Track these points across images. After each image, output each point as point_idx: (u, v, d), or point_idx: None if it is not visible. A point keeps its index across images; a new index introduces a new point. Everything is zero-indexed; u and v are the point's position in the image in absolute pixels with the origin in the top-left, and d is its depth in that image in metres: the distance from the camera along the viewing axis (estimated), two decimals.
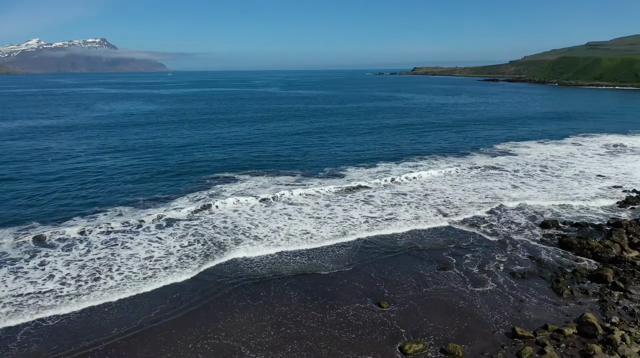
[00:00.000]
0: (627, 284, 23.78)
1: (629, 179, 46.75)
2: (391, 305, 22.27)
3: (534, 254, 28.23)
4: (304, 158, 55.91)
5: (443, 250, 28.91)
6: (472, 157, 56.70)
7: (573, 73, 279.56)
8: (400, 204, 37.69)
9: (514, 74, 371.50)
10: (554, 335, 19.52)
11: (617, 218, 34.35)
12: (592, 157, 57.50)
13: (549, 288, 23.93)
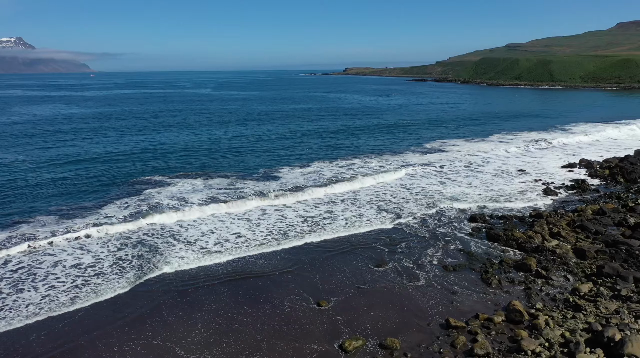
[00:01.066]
0: (548, 271, 25.34)
1: (546, 172, 49.87)
2: (330, 304, 22.49)
3: (464, 247, 29.47)
4: (238, 159, 55.32)
5: (379, 248, 29.54)
6: (404, 155, 58.28)
7: (495, 73, 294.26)
8: (335, 203, 38.17)
9: (440, 74, 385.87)
10: (484, 323, 20.47)
11: (538, 209, 36.52)
12: (515, 153, 60.77)
13: (479, 279, 25.07)
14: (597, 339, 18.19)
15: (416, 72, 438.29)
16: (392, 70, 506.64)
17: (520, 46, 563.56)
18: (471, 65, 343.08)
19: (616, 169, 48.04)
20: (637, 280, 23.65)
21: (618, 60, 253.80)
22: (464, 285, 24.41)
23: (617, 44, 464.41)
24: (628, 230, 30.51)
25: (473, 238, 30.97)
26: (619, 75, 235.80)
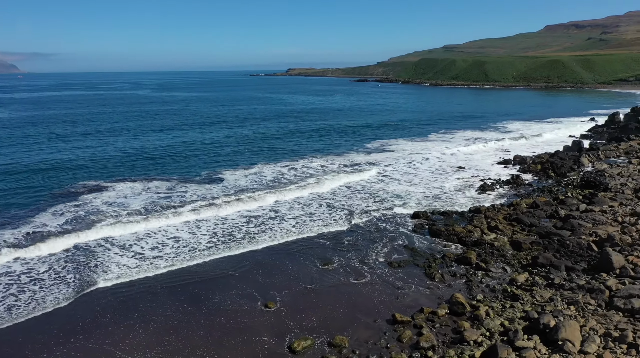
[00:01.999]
0: (488, 264, 26.37)
1: (483, 169, 51.91)
2: (278, 305, 22.42)
3: (408, 243, 30.16)
4: (179, 162, 54.05)
5: (326, 247, 29.73)
6: (349, 155, 58.86)
7: (433, 73, 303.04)
8: (280, 204, 38.08)
9: (381, 74, 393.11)
10: (429, 317, 21.04)
11: (477, 204, 37.92)
12: (453, 151, 62.78)
13: (423, 274, 25.74)
14: (533, 326, 19.11)
15: (358, 73, 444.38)
16: (335, 70, 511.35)
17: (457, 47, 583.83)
18: (411, 66, 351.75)
19: (547, 164, 50.62)
20: (568, 268, 25.02)
21: (547, 61, 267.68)
22: (409, 281, 24.99)
23: (546, 46, 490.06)
24: (559, 222, 32.23)
25: (416, 235, 31.75)
26: (548, 75, 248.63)
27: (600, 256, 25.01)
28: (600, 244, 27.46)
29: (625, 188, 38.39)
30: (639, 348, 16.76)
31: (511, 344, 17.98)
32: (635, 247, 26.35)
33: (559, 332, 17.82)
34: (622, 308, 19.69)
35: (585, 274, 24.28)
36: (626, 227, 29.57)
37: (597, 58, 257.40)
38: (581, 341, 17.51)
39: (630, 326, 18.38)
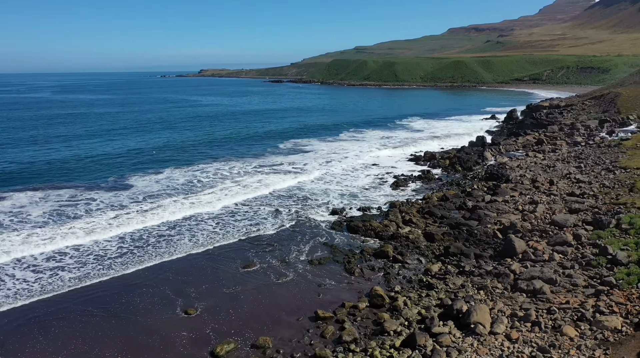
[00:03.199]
0: (404, 256, 27.38)
1: (396, 166, 53.86)
2: (198, 311, 21.86)
3: (328, 241, 30.59)
4: (85, 168, 50.97)
5: (246, 249, 29.40)
6: (266, 157, 58.66)
7: (346, 74, 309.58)
8: (197, 207, 37.11)
9: (295, 75, 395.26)
10: (350, 311, 21.48)
11: (391, 200, 39.23)
12: (367, 149, 64.54)
13: (343, 270, 26.22)
14: (448, 312, 20.10)
15: (272, 74, 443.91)
16: (249, 71, 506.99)
17: (368, 48, 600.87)
18: (324, 67, 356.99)
19: (455, 159, 53.47)
20: (477, 256, 26.59)
21: (451, 62, 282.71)
22: (330, 277, 25.35)
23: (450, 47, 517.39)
24: (467, 213, 34.17)
25: (335, 232, 32.27)
26: (452, 75, 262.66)
27: (504, 243, 26.81)
28: (504, 232, 29.42)
29: (524, 179, 41.43)
30: (541, 325, 18.14)
31: (428, 331, 18.78)
32: (535, 232, 28.53)
33: (471, 316, 18.87)
34: (526, 289, 21.22)
35: (492, 260, 25.93)
36: (526, 214, 31.92)
37: (495, 59, 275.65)
38: (491, 323, 18.65)
39: (533, 306, 19.84)
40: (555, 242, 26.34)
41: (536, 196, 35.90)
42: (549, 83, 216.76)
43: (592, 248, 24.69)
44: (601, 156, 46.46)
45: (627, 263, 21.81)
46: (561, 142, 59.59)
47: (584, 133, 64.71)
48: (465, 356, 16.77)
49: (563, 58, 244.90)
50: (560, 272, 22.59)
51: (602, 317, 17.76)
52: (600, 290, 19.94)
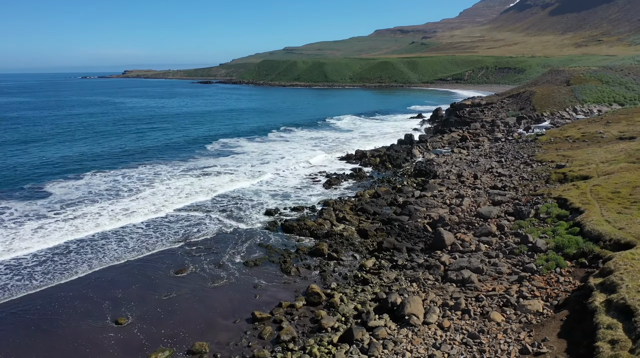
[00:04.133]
0: (339, 253, 27.70)
1: (328, 164, 54.42)
2: (130, 320, 21.01)
3: (263, 241, 30.38)
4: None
5: (178, 254, 28.61)
6: (195, 160, 57.34)
7: (276, 74, 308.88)
8: (122, 212, 35.69)
9: (225, 76, 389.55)
10: (288, 310, 21.44)
11: (325, 198, 39.58)
12: (299, 149, 64.79)
13: (279, 270, 26.13)
14: (383, 306, 20.56)
15: (201, 74, 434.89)
16: (176, 72, 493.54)
17: (297, 49, 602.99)
18: (254, 67, 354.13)
19: (385, 157, 54.79)
20: (409, 250, 27.38)
21: (378, 62, 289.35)
22: (266, 278, 25.18)
23: (377, 48, 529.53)
24: (398, 208, 35.11)
25: (270, 232, 32.11)
26: (380, 75, 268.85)
27: (434, 236, 27.80)
28: (433, 225, 30.50)
29: (450, 174, 43.17)
30: (470, 313, 18.96)
31: (365, 325, 19.12)
32: (462, 225, 29.80)
33: (405, 308, 19.40)
34: (455, 279, 22.11)
35: (423, 253, 26.82)
36: (453, 208, 33.26)
37: (420, 60, 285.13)
38: (424, 313, 19.27)
39: (462, 294, 20.71)
40: (481, 233, 27.64)
41: (462, 190, 37.50)
42: (471, 82, 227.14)
43: (514, 238, 26.11)
44: (520, 151, 49.27)
45: (546, 250, 23.26)
46: (483, 139, 62.64)
47: (504, 129, 68.39)
48: (401, 347, 17.22)
49: (483, 59, 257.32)
50: (487, 261, 23.74)
51: (525, 301, 18.82)
52: (523, 276, 21.13)
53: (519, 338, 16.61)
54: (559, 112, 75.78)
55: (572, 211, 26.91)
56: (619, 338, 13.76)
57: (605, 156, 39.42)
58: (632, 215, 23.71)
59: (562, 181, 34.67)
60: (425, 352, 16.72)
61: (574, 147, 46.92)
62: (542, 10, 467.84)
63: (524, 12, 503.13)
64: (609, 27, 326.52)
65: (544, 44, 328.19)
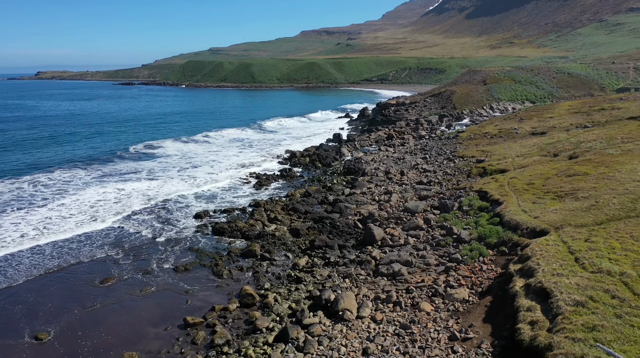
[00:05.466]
0: (271, 253, 27.56)
1: (259, 164, 54.04)
2: (52, 335, 19.78)
3: (193, 245, 29.64)
4: None
5: (104, 263, 27.31)
6: (116, 163, 55.01)
7: (202, 75, 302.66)
8: (46, 219, 33.57)
9: (147, 77, 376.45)
10: (221, 313, 21.06)
11: (256, 199, 39.27)
12: (227, 149, 63.87)
13: (211, 273, 25.60)
14: (317, 303, 20.69)
15: (122, 76, 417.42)
16: (95, 74, 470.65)
17: (223, 50, 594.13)
18: (178, 68, 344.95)
19: (314, 156, 55.21)
20: (341, 246, 27.74)
21: (305, 63, 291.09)
22: (198, 282, 24.59)
23: (303, 49, 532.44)
24: (329, 206, 35.49)
25: (200, 235, 31.39)
26: (307, 76, 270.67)
27: (364, 232, 28.35)
28: (363, 221, 31.10)
29: (378, 172, 44.21)
30: (402, 304, 19.50)
31: (300, 323, 19.16)
32: (391, 220, 30.60)
33: (338, 303, 19.63)
34: (386, 273, 22.66)
35: (355, 249, 27.27)
36: (382, 204, 34.09)
37: (346, 61, 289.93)
38: (357, 308, 19.60)
39: (393, 287, 21.27)
40: (409, 227, 28.52)
41: (390, 186, 38.52)
42: (395, 83, 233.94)
43: (440, 230, 27.17)
44: (442, 147, 51.35)
45: (470, 240, 24.39)
46: (408, 136, 64.68)
47: (427, 127, 70.99)
48: (336, 342, 17.41)
49: (405, 60, 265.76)
50: (415, 254, 24.53)
51: (452, 290, 19.63)
52: (449, 266, 22.04)
53: (447, 326, 17.29)
54: (477, 110, 79.77)
55: (492, 203, 28.40)
56: (538, 319, 14.67)
57: (520, 150, 41.93)
58: (546, 205, 25.38)
59: (482, 175, 36.49)
60: (360, 345, 17.01)
61: (491, 142, 49.53)
62: (459, 14, 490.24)
63: (443, 15, 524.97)
64: (519, 30, 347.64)
65: (462, 46, 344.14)
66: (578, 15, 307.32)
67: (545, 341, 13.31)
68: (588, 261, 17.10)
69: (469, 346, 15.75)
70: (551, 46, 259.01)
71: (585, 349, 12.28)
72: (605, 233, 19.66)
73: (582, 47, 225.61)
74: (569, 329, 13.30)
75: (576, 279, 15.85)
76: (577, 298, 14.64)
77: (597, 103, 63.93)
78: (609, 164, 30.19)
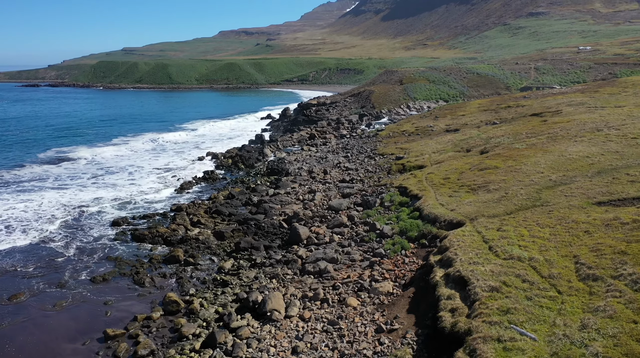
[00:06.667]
0: (196, 258, 26.89)
1: (179, 168, 52.54)
2: None
3: (111, 254, 28.27)
4: None
5: (9, 278, 25.33)
6: (24, 169, 51.26)
7: (115, 76, 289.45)
8: None
9: (55, 79, 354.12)
10: (144, 323, 20.25)
11: (177, 203, 38.14)
12: (144, 153, 61.56)
13: (132, 282, 24.54)
14: (245, 305, 20.47)
15: (26, 77, 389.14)
16: None
17: (137, 50, 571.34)
18: (89, 69, 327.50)
19: (237, 157, 54.54)
20: (267, 247, 27.61)
21: (225, 64, 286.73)
22: (118, 292, 23.49)
23: (222, 50, 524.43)
24: (254, 208, 35.20)
25: (119, 243, 30.01)
26: (227, 77, 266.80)
27: (290, 231, 28.40)
28: (289, 221, 31.14)
29: (301, 171, 44.45)
30: (329, 301, 19.74)
31: (227, 327, 18.85)
32: (315, 218, 30.87)
33: (266, 304, 19.52)
34: (313, 271, 22.83)
35: (281, 249, 27.26)
36: (306, 203, 34.31)
37: (266, 61, 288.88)
38: (285, 307, 19.59)
39: (320, 285, 21.46)
40: (334, 224, 28.93)
41: (314, 185, 38.86)
42: (315, 83, 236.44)
43: (364, 226, 27.78)
44: (363, 146, 52.56)
45: (392, 234, 25.15)
46: (330, 136, 65.59)
47: (348, 126, 72.35)
48: (265, 343, 17.30)
49: (325, 60, 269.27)
50: (341, 251, 24.92)
51: (377, 284, 20.14)
52: (374, 261, 22.59)
53: (374, 319, 17.71)
54: (395, 109, 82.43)
55: (411, 198, 29.45)
56: (457, 306, 15.41)
57: (436, 147, 43.83)
58: (461, 198, 26.71)
59: (402, 171, 37.76)
60: (289, 344, 17.02)
61: (409, 140, 51.37)
62: (375, 16, 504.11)
63: (360, 17, 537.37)
64: (432, 32, 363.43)
65: (379, 47, 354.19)
66: (484, 19, 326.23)
67: (465, 326, 14.00)
68: (500, 249, 18.19)
69: (394, 337, 16.23)
70: (461, 48, 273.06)
71: (501, 331, 13.04)
72: (514, 222, 21.01)
73: (488, 48, 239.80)
74: (485, 313, 14.07)
75: (490, 266, 16.80)
76: (492, 284, 15.52)
77: (504, 101, 68.22)
78: (516, 157, 32.30)
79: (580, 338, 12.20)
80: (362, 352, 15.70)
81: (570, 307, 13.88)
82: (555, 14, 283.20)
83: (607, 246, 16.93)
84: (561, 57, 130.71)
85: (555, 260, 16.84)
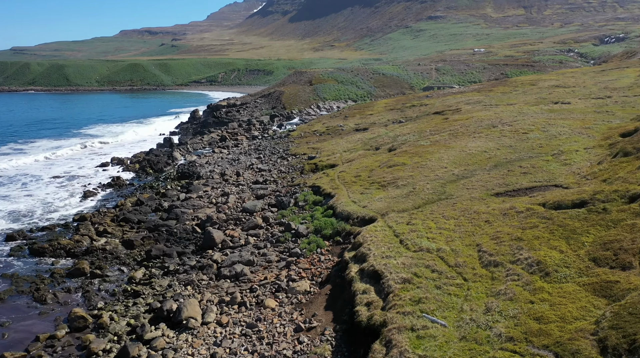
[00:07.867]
0: (103, 269, 25.47)
1: (82, 175, 49.46)
2: None
3: (6, 271, 26.02)
4: None
5: None
6: None
7: (4, 78, 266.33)
8: None
9: None
10: (47, 343, 18.87)
11: (81, 213, 35.91)
12: (43, 162, 57.31)
13: (32, 300, 22.75)
14: (159, 315, 19.71)
15: None
16: None
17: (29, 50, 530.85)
18: None
19: (145, 162, 52.35)
20: (180, 254, 26.78)
21: (128, 64, 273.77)
22: (15, 312, 21.67)
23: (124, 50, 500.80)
24: (165, 213, 33.99)
25: (15, 259, 27.68)
26: (131, 78, 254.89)
27: (204, 236, 27.77)
28: (202, 226, 30.41)
29: (214, 174, 43.60)
30: (247, 304, 19.54)
31: (141, 339, 18.07)
32: (230, 221, 30.42)
33: (181, 312, 18.95)
34: (229, 275, 22.49)
35: (195, 255, 26.56)
36: (220, 206, 33.70)
37: (172, 62, 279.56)
38: (202, 314, 19.13)
39: (237, 288, 21.19)
40: (249, 226, 28.68)
41: (227, 188, 38.26)
42: (224, 84, 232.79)
43: (279, 227, 27.81)
44: (275, 146, 52.57)
45: (307, 233, 25.40)
46: (242, 137, 64.92)
47: (260, 127, 72.05)
48: (182, 352, 16.80)
49: (234, 61, 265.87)
50: (257, 253, 24.77)
51: (294, 283, 20.25)
52: (290, 261, 22.69)
53: (292, 319, 17.80)
54: (306, 109, 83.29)
55: (325, 196, 29.93)
56: (373, 300, 15.90)
57: (346, 146, 44.85)
58: (372, 194, 27.56)
59: (315, 171, 38.24)
60: (207, 352, 16.65)
61: (321, 139, 52.14)
62: (283, 17, 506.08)
63: (267, 18, 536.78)
64: (338, 34, 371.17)
65: (287, 48, 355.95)
66: (388, 21, 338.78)
67: (380, 319, 14.48)
68: (410, 242, 19.01)
69: (313, 335, 16.42)
70: (367, 49, 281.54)
71: (414, 320, 13.65)
72: (422, 216, 22.04)
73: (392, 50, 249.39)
74: (399, 305, 14.64)
75: (402, 259, 17.51)
76: (404, 276, 16.18)
77: (408, 100, 71.31)
78: (422, 154, 33.88)
79: (486, 321, 13.08)
80: (282, 352, 15.72)
81: (476, 292, 14.83)
82: (452, 18, 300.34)
83: (505, 234, 18.27)
84: (459, 58, 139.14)
85: (460, 249, 17.89)
